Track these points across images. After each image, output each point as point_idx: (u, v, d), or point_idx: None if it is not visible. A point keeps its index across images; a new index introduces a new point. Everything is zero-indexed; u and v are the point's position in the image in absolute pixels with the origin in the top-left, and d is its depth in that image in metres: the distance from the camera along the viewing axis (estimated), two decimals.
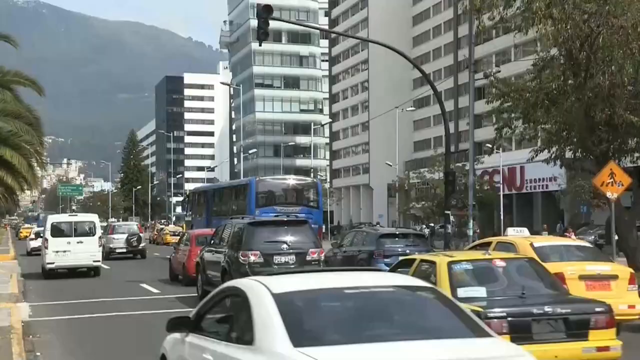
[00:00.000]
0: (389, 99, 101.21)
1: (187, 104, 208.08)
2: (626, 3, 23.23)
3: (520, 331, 9.87)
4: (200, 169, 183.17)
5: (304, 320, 6.49)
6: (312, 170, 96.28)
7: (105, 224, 57.38)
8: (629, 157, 27.36)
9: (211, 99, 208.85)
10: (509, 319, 9.90)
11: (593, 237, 47.49)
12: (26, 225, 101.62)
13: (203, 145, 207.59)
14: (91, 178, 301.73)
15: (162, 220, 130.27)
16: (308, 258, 20.77)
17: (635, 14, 23.05)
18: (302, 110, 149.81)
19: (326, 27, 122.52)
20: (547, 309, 10.18)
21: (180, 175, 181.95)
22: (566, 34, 24.13)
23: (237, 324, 7.02)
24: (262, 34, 26.23)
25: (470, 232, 35.96)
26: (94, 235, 33.10)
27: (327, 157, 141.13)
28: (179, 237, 38.60)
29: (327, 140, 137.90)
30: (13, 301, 21.61)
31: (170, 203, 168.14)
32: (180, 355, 7.95)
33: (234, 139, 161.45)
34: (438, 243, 48.13)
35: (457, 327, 6.58)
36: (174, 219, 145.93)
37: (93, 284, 28.82)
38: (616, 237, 24.54)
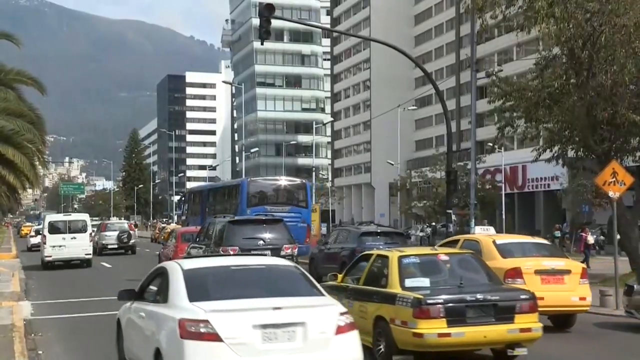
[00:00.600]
0: (390, 98, 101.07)
1: (189, 102, 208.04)
2: (628, 2, 23.22)
3: (456, 315, 11.58)
4: (202, 167, 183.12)
5: (199, 286, 9.79)
6: (313, 169, 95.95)
7: (98, 222, 61.44)
8: (631, 156, 27.38)
9: (213, 97, 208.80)
10: (446, 305, 11.59)
11: (595, 236, 47.40)
12: (27, 224, 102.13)
13: (205, 144, 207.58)
14: (93, 177, 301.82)
15: (164, 219, 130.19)
16: (282, 253, 22.49)
17: (638, 13, 23.06)
18: (303, 109, 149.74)
19: (328, 26, 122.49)
20: (479, 296, 11.86)
21: (182, 174, 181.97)
22: (568, 33, 24.14)
23: (160, 290, 10.39)
24: (264, 32, 26.25)
25: (473, 232, 35.96)
26: (85, 232, 38.63)
27: (329, 156, 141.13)
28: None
29: (329, 139, 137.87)
30: (15, 299, 21.65)
31: (171, 202, 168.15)
32: (128, 317, 11.42)
33: (236, 138, 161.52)
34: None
35: (300, 289, 10.08)
36: (175, 217, 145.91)
37: (95, 283, 28.85)
38: (618, 237, 24.53)
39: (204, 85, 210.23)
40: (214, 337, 8.86)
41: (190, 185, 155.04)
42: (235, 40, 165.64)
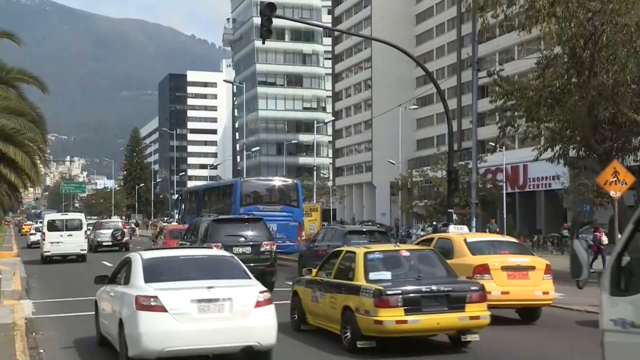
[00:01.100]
0: (392, 97, 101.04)
1: (190, 101, 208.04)
2: (630, 1, 23.23)
3: (412, 304, 12.94)
4: (203, 166, 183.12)
5: (153, 271, 12.54)
6: (314, 168, 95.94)
7: (94, 221, 64.96)
8: (633, 155, 27.38)
9: (214, 96, 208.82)
10: (403, 295, 12.96)
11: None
12: (28, 222, 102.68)
13: (206, 143, 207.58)
14: (94, 175, 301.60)
15: (165, 218, 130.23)
16: (261, 249, 24.69)
17: (639, 12, 23.03)
18: (305, 108, 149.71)
19: (329, 25, 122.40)
20: (434, 288, 13.22)
21: (183, 172, 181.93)
22: (570, 32, 24.16)
23: (125, 275, 13.12)
24: (265, 31, 26.24)
25: (474, 231, 35.95)
26: (81, 229, 42.07)
27: (330, 155, 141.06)
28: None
29: (330, 138, 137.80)
30: (16, 298, 21.64)
31: (172, 201, 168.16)
32: (102, 297, 14.38)
33: (237, 137, 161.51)
34: None
35: (231, 274, 12.79)
36: (176, 216, 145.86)
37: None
38: (619, 236, 24.48)
39: (205, 84, 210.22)
40: (161, 308, 11.64)
41: (191, 184, 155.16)
42: (236, 39, 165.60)
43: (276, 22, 27.11)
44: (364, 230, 29.04)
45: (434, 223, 73.03)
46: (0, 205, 46.09)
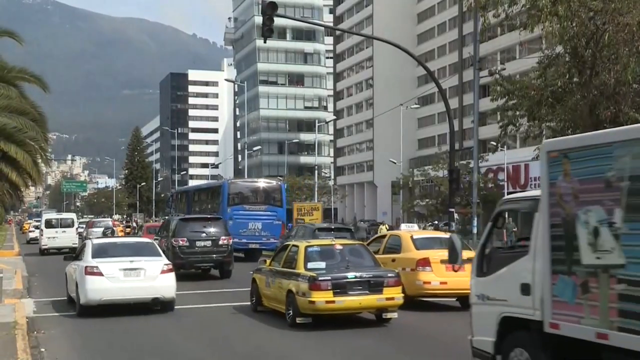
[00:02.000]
0: (393, 97, 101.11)
1: (192, 100, 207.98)
2: (632, 1, 23.18)
3: (339, 288, 16.28)
4: (205, 165, 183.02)
5: (98, 251, 19.54)
6: (316, 167, 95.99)
7: (87, 220, 76.44)
8: None
9: (215, 95, 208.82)
10: (332, 281, 16.27)
11: None
12: (28, 221, 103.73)
13: (207, 142, 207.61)
14: (95, 174, 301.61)
15: (166, 217, 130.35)
16: (220, 243, 29.55)
17: None
18: (306, 108, 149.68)
19: (331, 24, 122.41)
20: (358, 274, 16.60)
21: (185, 172, 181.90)
22: (572, 31, 24.11)
23: (82, 254, 19.98)
24: (267, 30, 26.23)
25: (475, 230, 35.99)
26: (73, 227, 49.69)
27: (332, 154, 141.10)
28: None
29: (332, 138, 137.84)
30: (17, 297, 21.67)
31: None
32: (68, 269, 20.83)
33: (238, 136, 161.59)
34: None
35: (150, 253, 19.85)
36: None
37: None
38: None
39: (206, 84, 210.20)
40: (99, 274, 18.62)
41: (192, 183, 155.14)
42: (237, 38, 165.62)
43: (277, 21, 27.10)
44: (332, 227, 33.02)
45: (435, 222, 73.22)
46: (1, 204, 46.14)
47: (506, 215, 13.32)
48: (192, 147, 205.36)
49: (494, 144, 58.72)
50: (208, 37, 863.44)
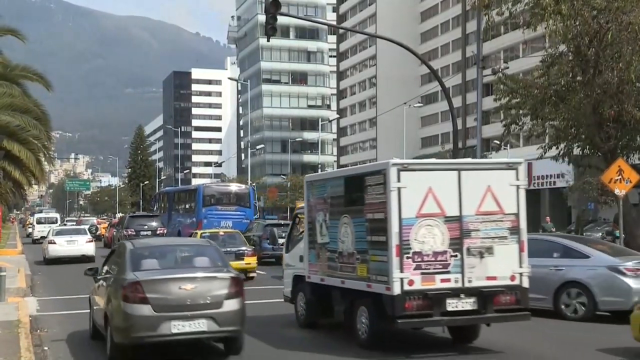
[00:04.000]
0: (396, 95, 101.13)
1: (195, 99, 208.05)
2: None
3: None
4: (208, 164, 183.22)
5: (56, 233, 41.66)
6: (319, 166, 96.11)
7: (75, 218, 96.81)
8: (638, 153, 27.27)
9: (219, 94, 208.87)
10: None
11: (600, 233, 47.29)
12: (30, 219, 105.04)
13: (210, 140, 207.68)
14: (98, 173, 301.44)
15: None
16: (157, 232, 43.29)
17: None
18: (309, 106, 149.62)
19: (334, 23, 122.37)
20: (228, 249, 26.68)
21: (188, 170, 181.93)
22: (575, 30, 24.09)
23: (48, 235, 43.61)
24: (270, 29, 26.22)
25: None
26: (56, 223, 66.98)
27: (335, 153, 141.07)
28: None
29: (335, 136, 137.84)
30: (20, 295, 21.68)
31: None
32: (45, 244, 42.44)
33: (242, 135, 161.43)
34: None
35: (85, 233, 41.69)
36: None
37: None
38: (623, 235, 24.47)
39: (209, 82, 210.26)
40: (54, 242, 39.16)
41: (195, 181, 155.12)
42: (241, 36, 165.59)
43: (281, 19, 27.11)
44: (282, 223, 40.45)
45: None
46: (5, 203, 46.22)
47: (299, 216, 17.80)
48: (195, 146, 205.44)
49: (497, 142, 58.91)
50: (211, 35, 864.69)
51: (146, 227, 42.63)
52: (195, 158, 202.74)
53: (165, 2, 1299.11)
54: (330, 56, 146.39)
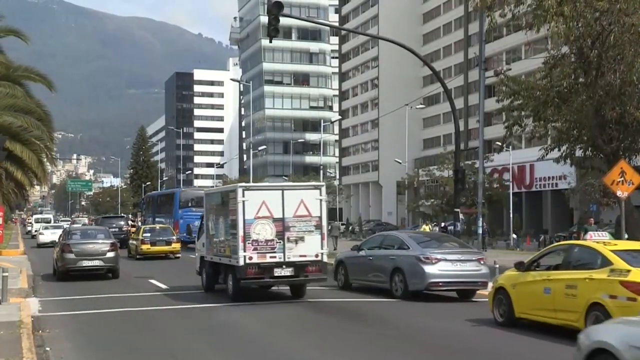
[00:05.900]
0: (398, 97, 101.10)
1: (197, 100, 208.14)
2: (637, 1, 23.14)
3: (152, 244, 41.10)
4: (210, 165, 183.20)
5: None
6: (321, 167, 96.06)
7: (69, 219, 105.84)
8: None
9: (221, 95, 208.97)
10: (150, 240, 41.50)
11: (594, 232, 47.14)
12: (30, 220, 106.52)
13: (212, 141, 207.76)
14: (100, 174, 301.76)
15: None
16: (123, 229, 52.77)
17: None
18: (311, 107, 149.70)
19: (336, 24, 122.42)
20: (159, 239, 41.46)
21: (190, 171, 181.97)
22: (577, 32, 24.09)
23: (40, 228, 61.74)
24: (273, 30, 26.25)
25: (480, 230, 35.92)
26: (50, 222, 73.63)
27: (337, 154, 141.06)
28: None
29: (337, 138, 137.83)
30: (23, 296, 21.68)
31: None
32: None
33: (244, 136, 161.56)
34: None
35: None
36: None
37: (101, 281, 28.87)
38: (626, 236, 24.44)
39: (212, 83, 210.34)
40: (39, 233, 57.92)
41: (197, 182, 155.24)
42: (243, 37, 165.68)
43: (283, 20, 27.10)
44: None
45: (442, 224, 73.15)
46: (7, 203, 46.28)
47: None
48: (197, 147, 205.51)
49: (500, 144, 58.43)
50: (214, 36, 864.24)
51: (114, 225, 51.50)
52: (197, 159, 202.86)
53: (167, 3, 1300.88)
54: (333, 57, 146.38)
